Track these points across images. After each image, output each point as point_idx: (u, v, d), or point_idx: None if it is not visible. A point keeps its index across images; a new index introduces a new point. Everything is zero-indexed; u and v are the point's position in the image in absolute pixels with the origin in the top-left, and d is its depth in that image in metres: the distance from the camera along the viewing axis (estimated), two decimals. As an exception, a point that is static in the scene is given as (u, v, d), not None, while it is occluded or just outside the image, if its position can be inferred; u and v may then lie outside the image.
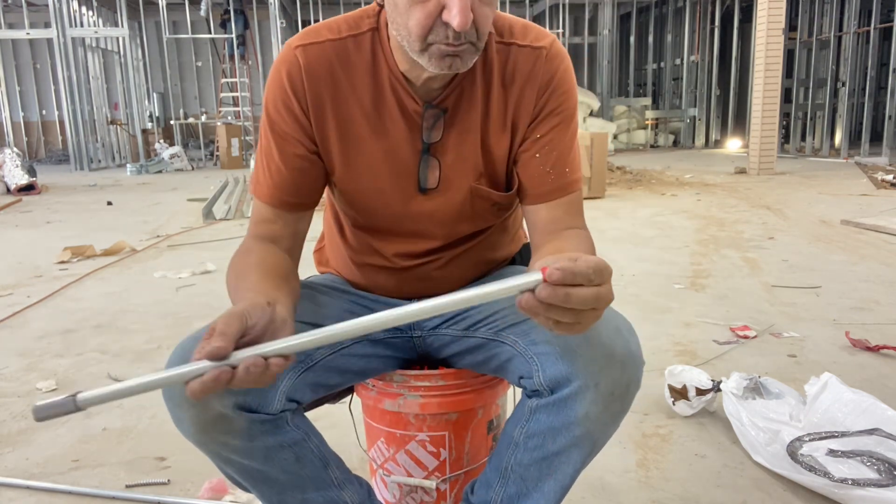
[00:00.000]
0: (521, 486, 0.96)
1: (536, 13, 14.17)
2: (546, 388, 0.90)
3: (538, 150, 1.01)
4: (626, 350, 0.89)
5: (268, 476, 0.95)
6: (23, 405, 2.12)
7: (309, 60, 0.97)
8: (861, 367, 2.22)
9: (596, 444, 0.94)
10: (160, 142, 12.03)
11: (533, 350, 0.93)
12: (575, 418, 0.89)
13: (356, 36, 0.98)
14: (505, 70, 1.00)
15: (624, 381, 0.89)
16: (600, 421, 0.90)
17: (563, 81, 1.01)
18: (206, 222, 5.66)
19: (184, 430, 0.91)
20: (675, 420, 1.89)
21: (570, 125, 1.03)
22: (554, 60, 1.01)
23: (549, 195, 1.02)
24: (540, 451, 0.93)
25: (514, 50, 1.00)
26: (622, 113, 13.26)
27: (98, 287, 3.61)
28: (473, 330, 1.05)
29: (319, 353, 1.00)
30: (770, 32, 7.82)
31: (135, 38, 13.17)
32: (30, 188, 8.04)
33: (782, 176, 7.90)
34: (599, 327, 0.88)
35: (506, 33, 1.01)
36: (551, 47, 1.01)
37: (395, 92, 0.98)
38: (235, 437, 0.90)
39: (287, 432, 0.95)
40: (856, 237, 4.35)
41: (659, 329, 2.65)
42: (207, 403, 0.87)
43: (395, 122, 0.99)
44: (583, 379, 0.87)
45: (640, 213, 5.59)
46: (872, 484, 1.41)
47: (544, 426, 0.92)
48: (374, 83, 0.98)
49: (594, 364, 0.87)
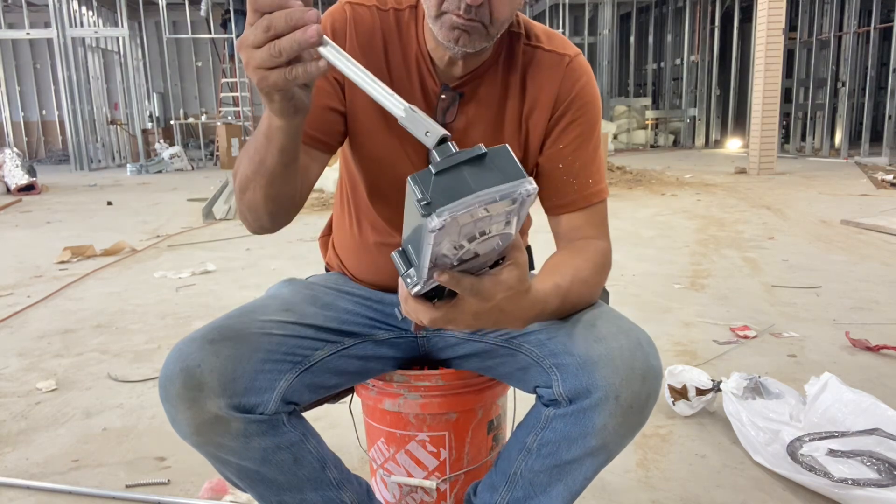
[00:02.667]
0: (528, 490, 0.96)
1: (536, 13, 14.16)
2: (565, 399, 0.90)
3: (561, 161, 1.04)
4: (646, 363, 0.89)
5: (265, 477, 0.95)
6: (23, 405, 2.13)
7: (356, 17, 1.02)
8: (861, 367, 2.22)
9: (610, 454, 0.93)
10: (160, 142, 12.04)
11: (552, 360, 0.93)
12: (593, 429, 0.89)
13: (398, 10, 1.04)
14: (527, 71, 1.04)
15: (644, 393, 0.89)
16: (618, 433, 0.90)
17: (584, 92, 1.04)
18: (206, 222, 5.66)
19: (180, 432, 0.91)
20: (675, 420, 1.89)
21: (593, 136, 1.05)
22: (577, 70, 1.04)
23: (570, 205, 1.04)
24: (552, 458, 0.93)
25: (539, 53, 1.04)
26: (622, 113, 13.26)
27: (98, 287, 3.61)
28: (482, 334, 1.05)
29: (318, 355, 1.00)
30: (770, 32, 7.83)
31: (135, 38, 13.17)
32: (30, 188, 8.04)
33: (782, 176, 7.90)
34: (621, 340, 0.89)
35: (533, 37, 1.05)
36: (575, 58, 1.04)
37: (420, 69, 1.02)
38: (231, 438, 0.90)
39: (284, 433, 0.95)
40: (856, 237, 4.35)
41: (659, 329, 2.65)
42: (203, 405, 0.88)
43: (415, 98, 1.02)
44: (603, 391, 0.87)
45: (640, 213, 5.59)
46: (872, 484, 1.42)
47: (560, 435, 0.92)
48: (403, 57, 1.03)
49: (615, 376, 0.87)
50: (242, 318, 0.97)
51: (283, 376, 0.95)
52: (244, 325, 0.95)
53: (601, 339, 0.89)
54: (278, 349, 0.96)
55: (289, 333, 0.98)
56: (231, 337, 0.92)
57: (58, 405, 2.12)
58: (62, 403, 2.13)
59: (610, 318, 0.94)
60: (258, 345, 0.94)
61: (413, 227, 0.67)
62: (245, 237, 4.86)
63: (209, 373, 0.88)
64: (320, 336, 1.02)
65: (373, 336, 1.08)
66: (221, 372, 0.89)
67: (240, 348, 0.91)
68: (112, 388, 2.25)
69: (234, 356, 0.90)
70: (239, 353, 0.91)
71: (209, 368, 0.88)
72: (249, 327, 0.95)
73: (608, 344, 0.89)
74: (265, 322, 0.97)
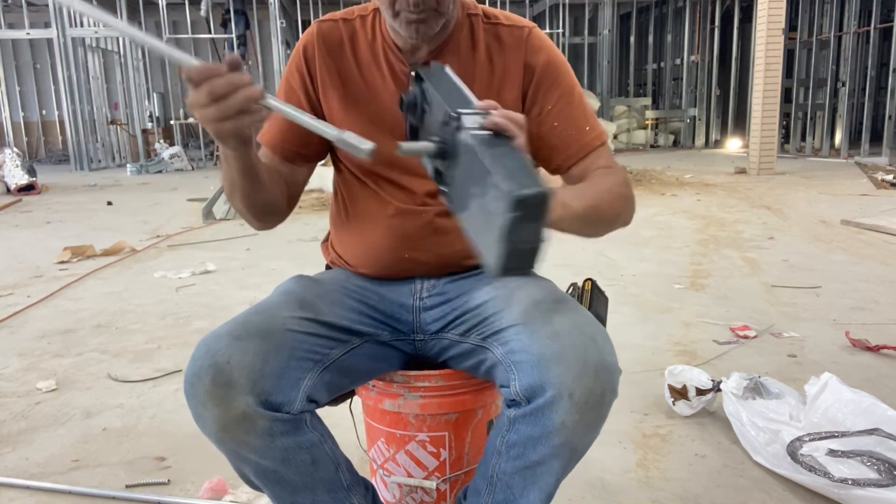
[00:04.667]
0: (507, 493, 0.96)
1: (536, 13, 14.16)
2: (523, 398, 0.91)
3: (555, 119, 1.12)
4: (600, 359, 0.89)
5: (282, 477, 0.96)
6: (23, 405, 2.13)
7: (322, 33, 1.15)
8: (861, 367, 2.22)
9: (575, 452, 0.93)
10: (160, 142, 12.02)
11: (511, 358, 0.93)
12: (552, 428, 0.89)
13: (363, 16, 1.17)
14: (491, 46, 1.13)
15: (598, 390, 0.89)
16: (577, 430, 0.90)
17: (551, 58, 1.13)
18: (206, 222, 5.66)
19: (205, 428, 0.91)
20: (675, 420, 1.89)
21: (575, 92, 1.14)
22: (538, 38, 1.14)
23: (576, 154, 1.13)
24: (521, 460, 0.93)
25: (500, 28, 1.14)
26: (622, 113, 13.25)
27: (98, 287, 3.61)
28: (467, 335, 1.06)
29: (334, 353, 1.01)
30: (770, 32, 7.82)
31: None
32: (30, 188, 8.03)
33: (782, 176, 7.90)
34: (574, 336, 0.90)
35: (492, 17, 1.15)
36: (533, 30, 1.14)
37: (387, 57, 1.13)
38: (256, 436, 0.91)
39: (305, 434, 0.95)
40: (856, 237, 4.35)
41: (659, 329, 2.65)
42: (232, 402, 0.88)
43: (386, 81, 1.12)
44: (556, 388, 0.87)
45: (640, 213, 5.52)
46: (872, 484, 1.42)
47: (523, 436, 0.92)
48: (371, 52, 1.14)
49: (567, 373, 0.87)
50: (264, 315, 0.97)
51: (307, 374, 0.96)
52: (268, 322, 0.96)
53: (555, 335, 0.90)
54: (301, 346, 0.97)
55: (309, 331, 0.99)
56: (257, 334, 0.93)
57: (58, 405, 2.12)
58: (62, 403, 2.13)
59: (568, 314, 0.94)
60: (283, 342, 0.94)
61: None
62: (245, 237, 4.86)
63: (238, 370, 0.88)
64: (334, 335, 1.03)
65: (376, 336, 1.09)
66: (251, 369, 0.89)
67: (267, 345, 0.92)
68: (112, 388, 2.25)
69: (262, 353, 0.91)
70: (266, 349, 0.92)
71: (238, 365, 0.89)
72: (273, 324, 0.96)
73: (561, 341, 0.89)
74: (287, 318, 0.98)
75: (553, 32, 12.47)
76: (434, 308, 1.12)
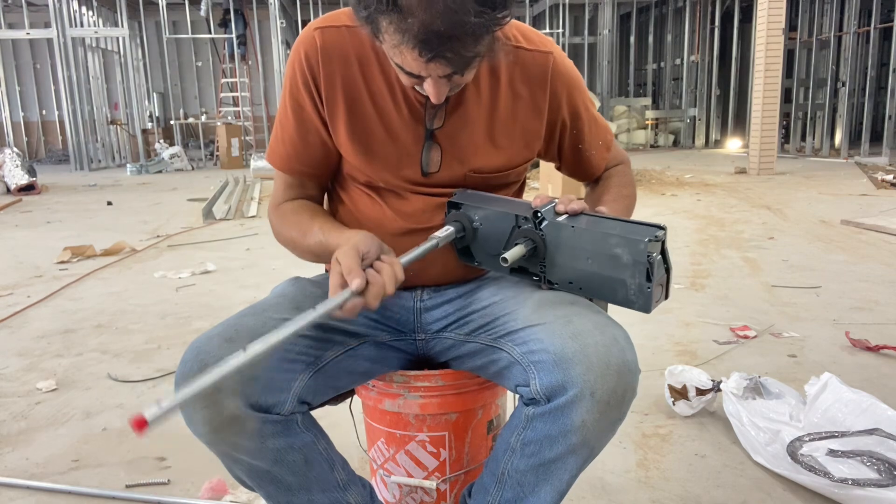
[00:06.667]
0: (517, 491, 0.96)
1: (536, 13, 14.16)
2: (543, 397, 0.91)
3: (578, 142, 1.16)
4: (622, 359, 0.90)
5: (275, 477, 0.96)
6: (23, 405, 2.13)
7: (325, 42, 1.03)
8: (861, 367, 2.22)
9: (593, 451, 0.94)
10: (160, 142, 12.02)
11: (529, 358, 0.93)
12: (572, 427, 0.89)
13: None
14: (513, 72, 1.07)
15: (620, 390, 0.89)
16: (597, 429, 0.90)
17: (576, 81, 1.12)
18: (206, 222, 5.66)
19: (196, 430, 0.91)
20: (675, 420, 1.89)
21: (591, 110, 1.17)
22: (562, 64, 1.10)
23: (598, 170, 1.21)
24: (537, 457, 0.93)
25: (522, 53, 1.07)
26: (622, 113, 13.25)
27: (98, 287, 3.61)
28: (475, 335, 1.06)
29: (328, 355, 1.01)
30: (770, 32, 7.82)
31: (135, 38, 13.17)
32: (30, 188, 8.03)
33: (782, 176, 7.90)
34: (596, 336, 0.90)
35: (511, 38, 1.07)
36: (555, 53, 1.10)
37: (400, 82, 1.02)
38: (247, 438, 0.91)
39: (297, 434, 0.95)
40: (856, 237, 4.35)
41: (659, 329, 2.65)
42: (221, 403, 0.88)
43: (400, 107, 1.04)
44: (578, 387, 0.88)
45: (640, 213, 5.51)
46: (872, 484, 1.41)
47: (541, 434, 0.92)
48: (382, 70, 1.04)
49: (590, 373, 0.87)
50: (257, 317, 0.97)
51: (298, 376, 0.96)
52: (259, 324, 0.95)
53: (576, 335, 0.90)
54: (292, 348, 0.96)
55: (301, 333, 0.98)
56: (248, 336, 0.92)
57: (58, 405, 2.12)
58: (62, 403, 2.13)
59: (587, 314, 0.94)
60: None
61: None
62: (245, 237, 4.86)
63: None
64: (329, 336, 1.02)
65: (375, 337, 1.09)
66: (239, 371, 0.89)
67: None
68: (112, 388, 2.25)
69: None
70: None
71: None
72: (265, 326, 0.95)
73: (583, 340, 0.89)
74: (279, 321, 0.97)
75: (553, 32, 12.47)
76: (435, 308, 1.12)
